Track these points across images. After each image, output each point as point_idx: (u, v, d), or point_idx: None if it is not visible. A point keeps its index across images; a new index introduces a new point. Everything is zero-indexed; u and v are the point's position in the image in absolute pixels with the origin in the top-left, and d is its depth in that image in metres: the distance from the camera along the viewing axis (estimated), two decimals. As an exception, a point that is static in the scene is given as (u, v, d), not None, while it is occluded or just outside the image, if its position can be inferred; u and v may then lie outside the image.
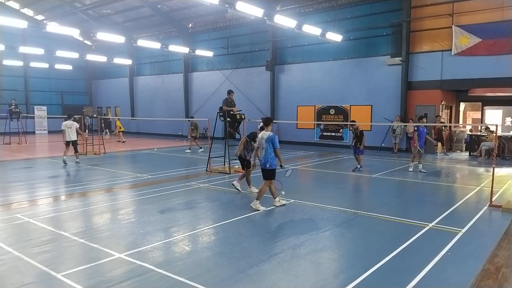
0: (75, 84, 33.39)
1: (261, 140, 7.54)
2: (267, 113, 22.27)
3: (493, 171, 7.99)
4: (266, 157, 7.42)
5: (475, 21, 15.71)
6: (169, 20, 25.36)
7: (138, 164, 15.34)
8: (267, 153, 7.41)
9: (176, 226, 6.56)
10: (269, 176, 7.54)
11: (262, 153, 7.53)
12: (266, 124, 7.64)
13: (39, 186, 10.00)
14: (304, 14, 20.45)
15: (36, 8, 28.47)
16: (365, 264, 4.88)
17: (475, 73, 15.86)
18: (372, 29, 18.62)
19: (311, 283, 4.44)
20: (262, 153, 7.51)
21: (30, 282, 4.42)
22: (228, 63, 24.53)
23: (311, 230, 6.33)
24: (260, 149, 7.62)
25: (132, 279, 4.46)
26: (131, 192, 9.33)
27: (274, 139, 7.41)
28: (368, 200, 8.98)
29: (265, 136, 7.48)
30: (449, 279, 4.51)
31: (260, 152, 7.60)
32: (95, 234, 6.08)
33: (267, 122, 7.66)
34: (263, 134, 7.58)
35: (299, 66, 21.29)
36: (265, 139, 7.43)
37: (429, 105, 17.13)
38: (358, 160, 12.34)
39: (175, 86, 27.54)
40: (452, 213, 7.38)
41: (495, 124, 8.83)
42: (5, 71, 28.64)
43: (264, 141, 7.43)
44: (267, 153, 7.41)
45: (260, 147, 7.61)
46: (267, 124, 7.64)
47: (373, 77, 18.61)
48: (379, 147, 18.27)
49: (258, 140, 7.73)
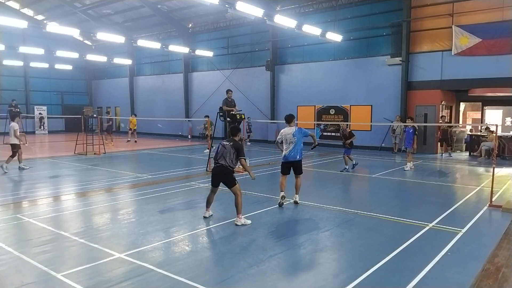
0: (75, 84, 33.39)
1: (286, 135, 7.83)
2: (267, 113, 22.29)
3: (493, 171, 7.99)
4: (297, 149, 7.79)
5: (475, 21, 15.70)
6: (169, 20, 25.36)
7: (138, 164, 15.34)
8: (298, 146, 7.78)
9: (176, 226, 6.56)
10: (301, 169, 7.94)
11: (290, 147, 7.76)
12: (289, 121, 7.96)
13: (39, 186, 9.99)
14: (304, 14, 20.45)
15: (36, 8, 28.46)
16: (365, 264, 4.88)
17: (475, 73, 15.85)
18: (372, 29, 18.62)
19: (311, 283, 4.44)
20: (290, 147, 7.76)
21: (30, 282, 4.42)
22: (228, 63, 24.53)
23: (311, 230, 6.33)
24: (285, 144, 7.84)
25: (132, 279, 4.46)
26: (131, 192, 9.33)
27: (302, 131, 7.85)
28: (368, 200, 8.98)
29: (290, 131, 7.80)
30: (449, 279, 4.51)
31: (286, 146, 7.82)
32: (95, 234, 6.07)
33: (289, 119, 7.98)
34: (288, 130, 7.88)
35: (299, 66, 21.29)
36: (292, 134, 7.74)
37: (429, 105, 17.13)
38: (345, 160, 12.13)
39: (175, 86, 27.53)
40: (452, 213, 7.38)
41: (495, 124, 8.84)
42: (5, 71, 28.63)
43: (293, 135, 7.73)
44: (297, 146, 7.77)
45: (285, 142, 7.84)
46: (290, 120, 7.96)
47: (373, 77, 18.61)
48: (379, 147, 18.27)
49: (282, 136, 7.94)
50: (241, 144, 6.99)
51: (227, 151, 6.63)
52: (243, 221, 6.49)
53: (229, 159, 6.60)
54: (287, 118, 8.06)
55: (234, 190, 6.61)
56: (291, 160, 7.84)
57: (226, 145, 6.70)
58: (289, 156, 7.82)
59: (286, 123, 8.06)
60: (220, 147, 6.75)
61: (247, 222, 6.53)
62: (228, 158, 6.60)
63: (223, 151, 6.66)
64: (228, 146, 6.67)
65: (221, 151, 6.70)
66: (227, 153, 6.62)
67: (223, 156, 6.63)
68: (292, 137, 7.74)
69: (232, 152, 6.60)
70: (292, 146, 7.76)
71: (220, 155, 6.66)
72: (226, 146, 6.68)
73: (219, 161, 6.64)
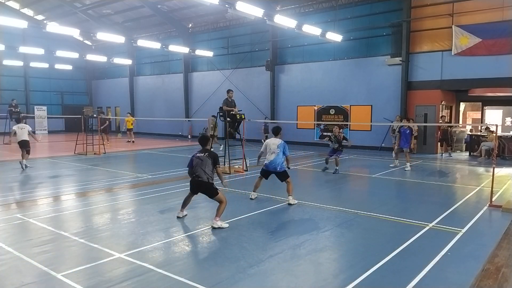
0: (75, 84, 33.39)
1: (272, 145, 8.04)
2: (267, 113, 22.28)
3: (493, 171, 7.99)
4: (278, 161, 7.97)
5: (475, 21, 15.70)
6: (169, 20, 25.36)
7: (138, 164, 15.34)
8: (278, 158, 7.97)
9: (176, 226, 6.56)
10: (286, 176, 8.09)
11: (271, 157, 7.98)
12: (276, 133, 8.30)
13: (39, 186, 10.00)
14: (304, 14, 20.45)
15: (36, 8, 28.46)
16: (365, 264, 4.88)
17: (475, 73, 15.85)
18: (372, 29, 18.62)
19: (311, 283, 4.45)
20: (272, 157, 7.97)
21: (30, 282, 4.42)
22: (228, 63, 24.53)
23: (311, 230, 6.33)
24: (269, 154, 8.04)
25: (132, 279, 4.46)
26: (131, 192, 9.33)
27: (285, 147, 8.08)
28: (368, 200, 8.98)
29: (277, 142, 8.05)
30: (449, 279, 4.51)
31: (268, 156, 8.05)
32: (95, 234, 6.07)
33: (277, 131, 8.33)
34: (274, 140, 8.12)
35: (299, 66, 21.29)
36: (277, 145, 7.99)
37: (429, 105, 17.13)
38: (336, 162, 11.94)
39: (175, 86, 27.54)
40: (452, 213, 7.38)
41: (495, 124, 8.84)
42: (5, 71, 28.63)
43: (277, 147, 7.97)
44: (278, 158, 7.97)
45: (269, 152, 8.04)
46: (277, 132, 8.31)
47: (373, 77, 18.61)
48: (379, 147, 18.27)
49: (267, 146, 8.13)
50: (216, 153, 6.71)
51: (204, 162, 6.41)
52: (219, 224, 6.34)
53: (208, 170, 6.41)
54: (275, 130, 8.37)
55: (218, 198, 6.48)
56: (271, 170, 8.09)
57: (201, 157, 6.46)
58: (269, 165, 8.05)
59: (273, 134, 8.37)
60: (195, 159, 6.50)
61: (224, 225, 6.37)
62: (207, 169, 6.40)
63: (199, 163, 6.44)
64: (204, 157, 6.44)
65: (196, 163, 6.46)
66: (205, 164, 6.40)
67: (201, 169, 6.40)
68: (276, 148, 7.97)
69: (209, 163, 6.42)
70: (274, 157, 7.95)
71: (197, 168, 6.44)
72: (202, 158, 6.44)
73: (198, 176, 6.42)
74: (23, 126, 12.79)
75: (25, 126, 12.83)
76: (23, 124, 13.03)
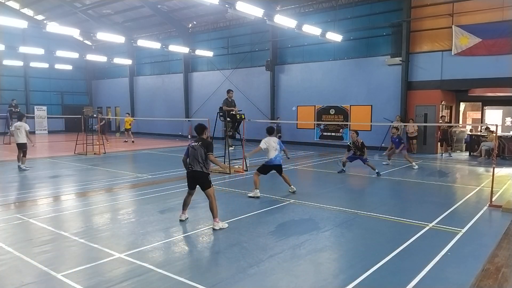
0: (75, 84, 33.39)
1: (273, 143, 8.82)
2: (267, 113, 22.28)
3: (493, 171, 7.99)
4: (279, 156, 8.95)
5: (475, 21, 15.70)
6: (169, 20, 25.36)
7: (138, 164, 15.34)
8: (279, 153, 8.94)
9: (176, 226, 6.56)
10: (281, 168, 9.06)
11: (274, 153, 8.79)
12: (271, 133, 9.04)
13: (39, 186, 9.99)
14: (304, 14, 20.45)
15: (36, 8, 28.46)
16: (365, 264, 4.88)
17: (475, 73, 15.85)
18: (372, 29, 18.62)
19: (311, 283, 4.45)
20: (275, 153, 8.80)
21: (30, 282, 4.42)
22: (228, 63, 24.53)
23: (311, 230, 6.33)
24: (272, 151, 8.77)
25: (132, 279, 4.46)
26: (131, 192, 9.33)
27: (281, 143, 9.13)
28: (368, 200, 8.98)
29: (275, 140, 8.96)
30: (449, 279, 4.51)
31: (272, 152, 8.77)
32: (95, 234, 6.07)
33: (271, 131, 9.10)
34: (273, 139, 8.91)
35: (299, 66, 21.28)
36: (277, 142, 8.93)
37: (429, 105, 17.13)
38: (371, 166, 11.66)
39: (175, 86, 27.53)
40: (452, 213, 7.38)
41: (495, 124, 8.83)
42: (5, 71, 28.64)
43: (277, 144, 8.90)
44: (278, 153, 8.92)
45: (272, 148, 8.78)
46: (272, 132, 9.09)
47: (373, 77, 18.61)
48: (379, 147, 18.26)
49: (267, 143, 8.78)
50: (210, 141, 6.68)
51: (197, 152, 6.37)
52: (220, 225, 6.32)
53: (202, 160, 6.36)
54: (269, 130, 9.09)
55: (208, 193, 6.42)
56: (276, 164, 8.88)
57: (195, 146, 6.43)
58: (275, 160, 8.84)
59: (267, 134, 8.99)
60: (190, 149, 6.48)
61: (224, 225, 6.37)
62: (201, 159, 6.36)
63: (194, 152, 6.40)
64: (198, 146, 6.40)
65: (191, 153, 6.44)
66: (198, 154, 6.36)
67: (195, 159, 6.36)
68: (277, 144, 8.89)
69: (203, 152, 6.37)
70: (276, 153, 8.84)
71: (192, 158, 6.41)
72: (196, 147, 6.40)
73: (193, 166, 6.39)
74: (19, 125, 12.51)
75: (22, 126, 12.47)
76: (20, 123, 12.66)
